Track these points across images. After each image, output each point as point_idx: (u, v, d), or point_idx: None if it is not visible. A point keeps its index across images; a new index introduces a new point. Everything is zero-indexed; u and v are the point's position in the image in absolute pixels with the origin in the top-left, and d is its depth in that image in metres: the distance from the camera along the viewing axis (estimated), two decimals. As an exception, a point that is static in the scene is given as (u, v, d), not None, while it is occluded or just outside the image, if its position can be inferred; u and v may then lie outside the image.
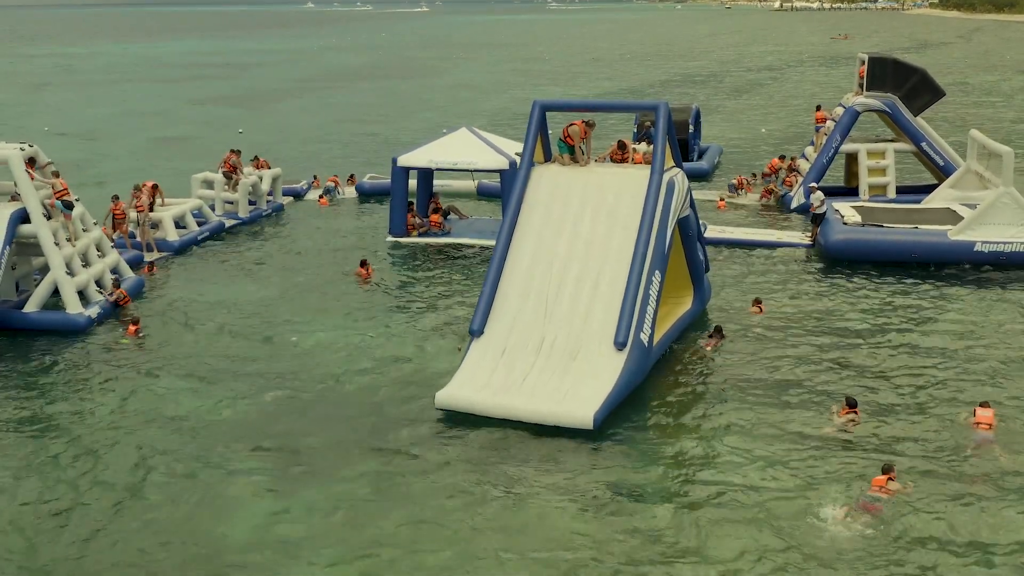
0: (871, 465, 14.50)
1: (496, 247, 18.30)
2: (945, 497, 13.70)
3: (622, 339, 16.75)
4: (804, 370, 18.35)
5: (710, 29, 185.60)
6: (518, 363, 16.89)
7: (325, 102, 67.51)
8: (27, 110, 64.31)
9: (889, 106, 31.83)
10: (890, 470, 13.91)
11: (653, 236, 17.74)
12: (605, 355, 16.74)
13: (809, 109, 56.47)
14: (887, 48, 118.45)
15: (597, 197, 18.57)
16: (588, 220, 18.28)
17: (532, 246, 18.14)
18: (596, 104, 29.32)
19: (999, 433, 15.67)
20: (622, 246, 17.76)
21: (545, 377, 16.56)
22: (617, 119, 47.28)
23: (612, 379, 16.38)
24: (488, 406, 16.06)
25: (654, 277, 17.56)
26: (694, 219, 20.44)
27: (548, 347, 17.03)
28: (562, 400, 16.00)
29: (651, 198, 18.07)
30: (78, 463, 15.07)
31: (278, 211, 32.48)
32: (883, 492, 13.66)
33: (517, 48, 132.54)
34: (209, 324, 21.28)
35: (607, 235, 18.02)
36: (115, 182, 37.19)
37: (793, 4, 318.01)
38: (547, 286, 17.67)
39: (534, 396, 16.13)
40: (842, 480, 14.22)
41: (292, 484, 14.31)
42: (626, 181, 18.84)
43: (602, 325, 17.06)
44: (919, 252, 24.41)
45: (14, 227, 20.93)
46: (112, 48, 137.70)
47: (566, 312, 17.36)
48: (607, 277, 17.55)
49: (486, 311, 17.56)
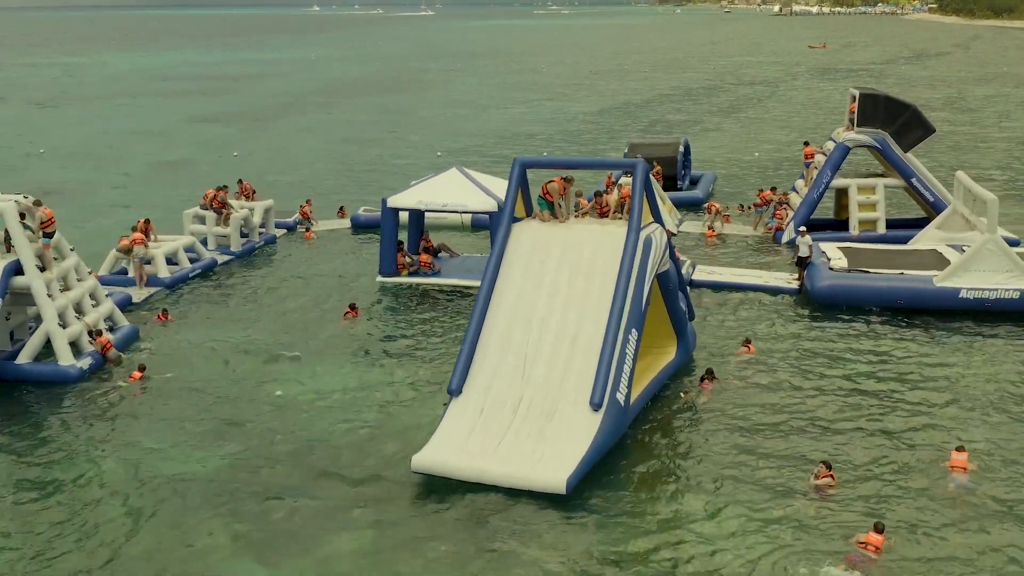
0: (856, 522, 14.96)
1: (475, 305, 18.59)
2: (927, 543, 14.50)
3: (598, 400, 17.01)
4: (786, 420, 18.76)
5: (709, 37, 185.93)
6: (495, 424, 17.15)
7: (322, 121, 67.84)
8: (24, 128, 64.62)
9: (879, 142, 32.13)
10: (882, 529, 14.38)
11: (630, 295, 18.04)
12: (581, 416, 16.99)
13: (802, 130, 56.99)
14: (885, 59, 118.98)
15: (575, 254, 18.90)
16: (566, 278, 18.59)
17: (511, 304, 18.44)
18: (575, 161, 29.70)
19: (975, 476, 16.39)
20: (599, 304, 18.05)
21: (520, 439, 16.82)
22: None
23: (587, 441, 16.63)
24: (463, 470, 16.31)
25: (631, 336, 17.84)
26: (674, 271, 20.73)
27: (525, 408, 17.30)
28: (536, 464, 16.24)
29: (627, 256, 18.38)
30: (59, 525, 15.35)
31: (271, 243, 32.81)
32: (872, 551, 14.12)
33: (514, 58, 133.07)
34: (195, 373, 21.54)
35: (584, 293, 18.33)
36: (110, 213, 37.57)
37: (792, 9, 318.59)
38: (525, 345, 17.96)
39: (508, 460, 16.38)
40: (830, 538, 14.62)
41: (275, 551, 14.62)
42: (604, 238, 19.13)
43: (578, 385, 17.33)
44: (904, 298, 24.69)
45: (7, 279, 21.23)
46: (113, 58, 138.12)
47: (543, 371, 17.64)
48: (584, 336, 17.84)
49: (464, 370, 17.84)
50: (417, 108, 74.66)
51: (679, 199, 37.03)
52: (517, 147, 54.75)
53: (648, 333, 19.68)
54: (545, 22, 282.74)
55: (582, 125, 64.55)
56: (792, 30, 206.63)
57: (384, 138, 59.28)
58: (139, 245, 27.51)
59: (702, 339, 22.76)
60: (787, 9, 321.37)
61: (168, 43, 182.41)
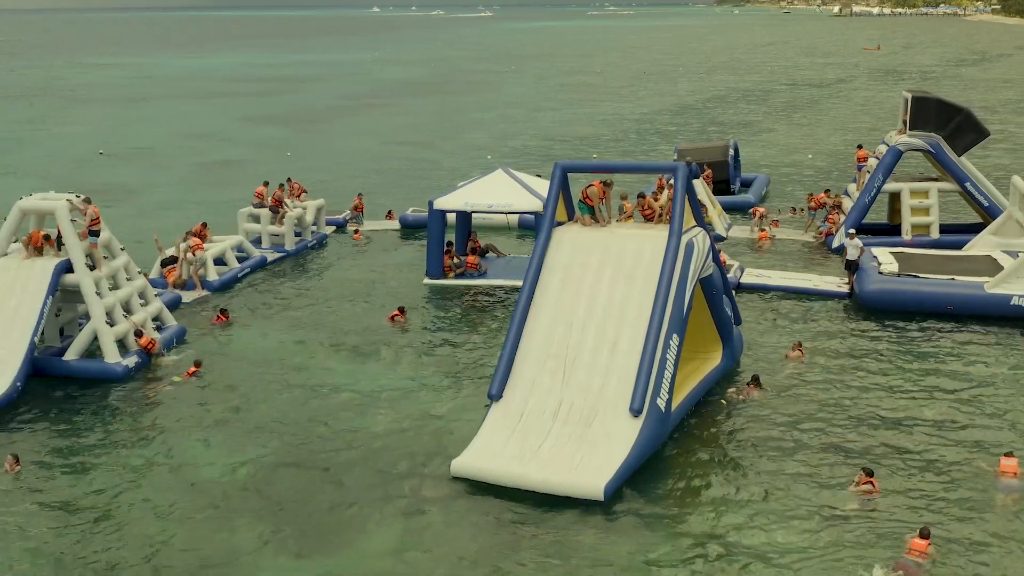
0: (901, 529, 14.78)
1: (516, 310, 18.54)
2: (976, 549, 14.26)
3: (637, 406, 16.89)
4: (830, 425, 18.59)
5: (765, 38, 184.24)
6: (534, 429, 17.10)
7: (374, 122, 68.28)
8: (85, 129, 65.83)
9: (933, 146, 31.56)
10: (928, 535, 14.22)
11: (671, 300, 17.86)
12: (621, 422, 16.88)
13: (859, 133, 56.24)
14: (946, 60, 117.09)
15: (616, 259, 18.74)
16: (607, 283, 18.45)
17: (551, 309, 18.36)
18: (616, 165, 29.64)
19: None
20: (640, 310, 17.91)
21: (560, 445, 16.74)
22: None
23: (626, 447, 16.51)
24: (502, 475, 16.28)
25: (671, 341, 17.66)
26: (719, 276, 20.49)
27: (565, 413, 17.22)
28: (574, 470, 16.16)
29: (668, 261, 18.21)
30: (99, 520, 15.60)
31: (322, 241, 33.18)
32: (920, 556, 13.99)
33: (570, 59, 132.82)
34: (240, 370, 21.78)
35: (625, 298, 18.17)
36: (163, 213, 38.05)
37: (852, 9, 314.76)
38: (565, 350, 17.87)
39: (547, 465, 16.30)
40: (875, 545, 14.46)
41: (311, 548, 14.71)
42: (645, 243, 18.93)
43: (618, 391, 17.20)
44: (955, 304, 24.22)
45: (57, 278, 21.65)
46: (173, 61, 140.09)
47: (583, 377, 17.53)
48: (624, 341, 17.70)
49: (504, 375, 17.82)
50: (469, 109, 74.84)
51: (731, 203, 36.72)
52: (568, 149, 54.69)
53: (692, 339, 19.51)
54: (600, 23, 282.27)
55: (634, 126, 64.29)
56: (851, 31, 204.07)
57: (435, 140, 59.47)
58: (196, 249, 27.82)
59: (750, 344, 22.55)
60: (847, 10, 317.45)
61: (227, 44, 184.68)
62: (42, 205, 22.71)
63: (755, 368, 21.13)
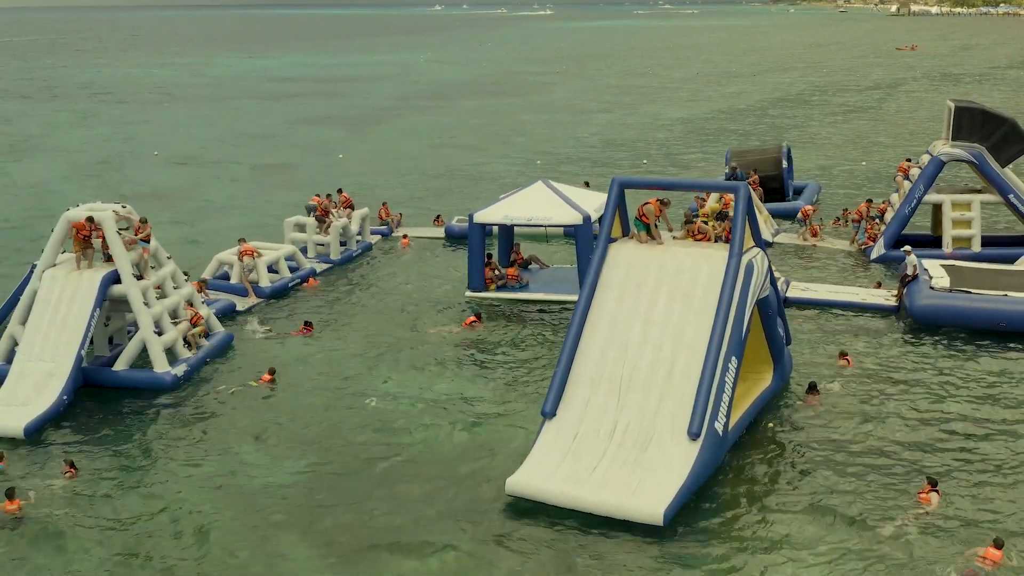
0: (971, 535, 14.88)
1: (570, 326, 18.26)
2: None
3: (696, 429, 16.56)
4: (885, 439, 18.53)
5: (821, 38, 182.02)
6: (589, 450, 16.83)
7: (424, 124, 68.16)
8: (139, 129, 66.63)
9: (976, 156, 30.85)
10: (1002, 544, 14.26)
11: (731, 322, 17.49)
12: (678, 445, 16.56)
13: (912, 139, 55.35)
14: (1007, 63, 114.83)
15: (673, 278, 18.37)
16: (663, 302, 18.10)
17: (606, 327, 18.06)
18: (675, 183, 29.27)
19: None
20: (697, 332, 17.53)
21: (615, 467, 16.46)
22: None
23: (684, 471, 16.19)
24: (557, 496, 16.06)
25: (730, 364, 17.31)
26: (774, 297, 20.11)
27: (620, 434, 16.93)
28: (632, 493, 15.88)
29: (728, 283, 17.83)
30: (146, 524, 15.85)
31: (367, 250, 33.20)
32: (990, 566, 14.04)
33: (622, 60, 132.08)
34: (290, 380, 21.82)
35: (682, 318, 17.82)
36: (216, 216, 38.44)
37: (911, 8, 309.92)
38: (620, 371, 17.55)
39: (603, 488, 16.04)
40: (940, 558, 14.43)
41: (355, 562, 14.75)
42: (701, 262, 18.51)
43: (675, 413, 16.88)
44: (1007, 321, 23.74)
45: (105, 289, 21.79)
46: (230, 60, 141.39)
47: (639, 398, 17.23)
48: (681, 364, 17.35)
49: (559, 393, 17.55)
50: (520, 112, 74.54)
51: (782, 210, 36.33)
52: (619, 153, 54.38)
53: (745, 359, 19.19)
54: (654, 23, 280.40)
55: (684, 128, 63.77)
56: (909, 31, 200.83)
57: (485, 143, 59.22)
58: (248, 256, 28.18)
59: (796, 356, 22.24)
60: (905, 9, 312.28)
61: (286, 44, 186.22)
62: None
63: (802, 383, 20.90)
